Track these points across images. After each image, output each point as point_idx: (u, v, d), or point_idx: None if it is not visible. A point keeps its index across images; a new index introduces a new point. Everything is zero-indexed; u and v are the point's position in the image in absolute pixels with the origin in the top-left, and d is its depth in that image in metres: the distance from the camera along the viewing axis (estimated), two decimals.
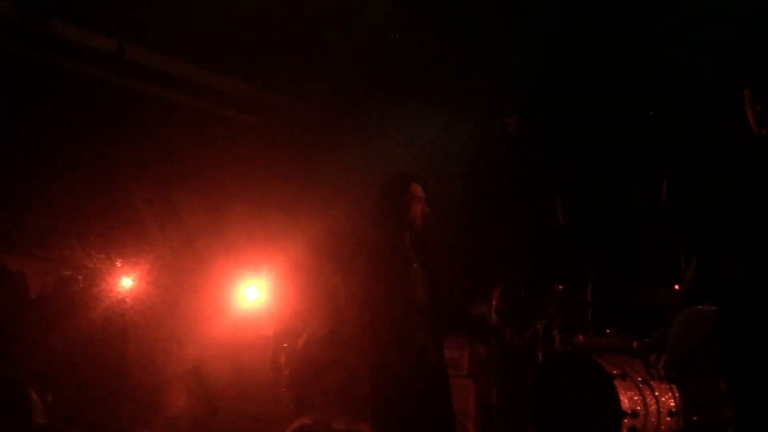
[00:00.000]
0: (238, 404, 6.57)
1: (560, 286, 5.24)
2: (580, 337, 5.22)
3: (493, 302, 5.03)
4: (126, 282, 5.58)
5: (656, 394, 4.73)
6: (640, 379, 4.76)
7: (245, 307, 7.29)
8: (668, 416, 4.70)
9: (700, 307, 3.43)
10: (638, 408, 4.58)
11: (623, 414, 4.48)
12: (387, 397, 3.67)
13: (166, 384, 6.32)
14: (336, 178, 6.87)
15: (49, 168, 6.41)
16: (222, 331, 6.95)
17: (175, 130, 7.05)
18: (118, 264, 5.72)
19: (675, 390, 4.74)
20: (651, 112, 5.63)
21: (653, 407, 4.67)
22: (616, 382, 4.61)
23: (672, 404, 4.75)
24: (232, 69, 7.33)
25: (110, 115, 6.71)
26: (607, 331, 5.33)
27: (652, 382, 4.75)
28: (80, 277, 5.45)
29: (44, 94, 6.25)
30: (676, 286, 4.69)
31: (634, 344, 5.06)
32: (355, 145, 6.67)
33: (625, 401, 4.56)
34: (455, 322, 4.27)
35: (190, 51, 6.92)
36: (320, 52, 6.88)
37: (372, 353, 3.78)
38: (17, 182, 6.06)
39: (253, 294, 7.32)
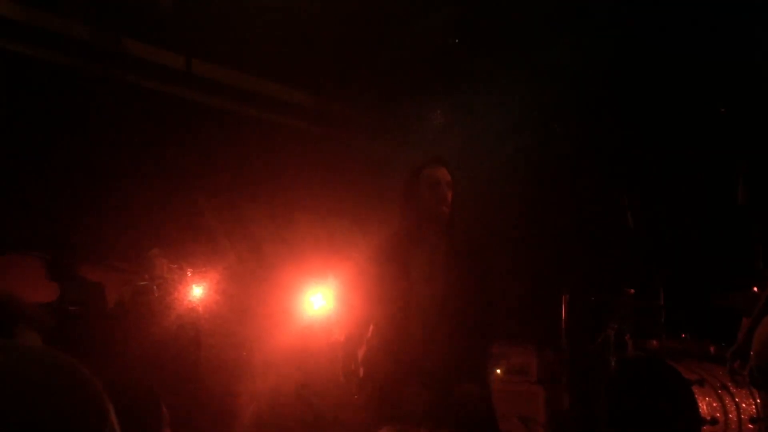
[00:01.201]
0: (304, 411, 6.64)
1: (632, 290, 5.12)
2: (654, 342, 5.09)
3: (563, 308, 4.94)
4: (197, 291, 5.71)
5: (736, 400, 4.58)
6: (718, 384, 4.61)
7: (311, 315, 7.37)
8: (750, 423, 4.54)
9: None
10: (717, 415, 4.44)
11: (702, 421, 4.34)
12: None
13: (237, 391, 6.44)
14: (398, 184, 6.88)
15: (122, 180, 6.63)
16: (290, 339, 7.04)
17: (241, 141, 7.20)
18: (189, 273, 5.85)
19: (756, 395, 4.57)
20: (723, 110, 5.45)
21: (733, 414, 4.52)
22: (694, 388, 4.48)
23: (753, 410, 4.58)
24: (298, 80, 7.45)
25: (179, 128, 6.91)
26: (682, 335, 5.18)
27: (731, 388, 4.59)
28: (155, 287, 5.60)
29: (117, 111, 6.47)
30: (755, 288, 4.53)
31: (711, 349, 4.92)
32: (417, 151, 6.68)
33: (704, 408, 4.42)
34: (499, 326, 3.83)
35: (254, 64, 7.07)
36: (382, 61, 6.92)
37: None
38: (94, 195, 6.28)
39: (319, 301, 7.40)
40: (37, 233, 6.23)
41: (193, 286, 5.83)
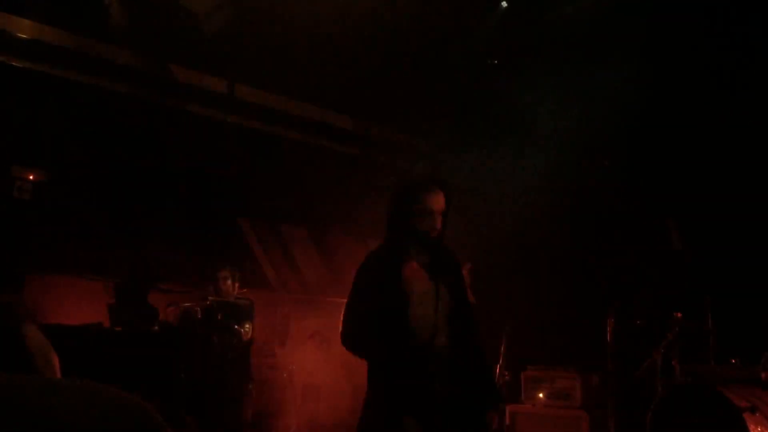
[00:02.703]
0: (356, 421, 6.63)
1: (679, 314, 5.03)
2: (703, 367, 4.98)
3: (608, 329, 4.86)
4: (243, 314, 5.77)
5: None
6: None
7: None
8: None
9: None
10: None
11: None
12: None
13: (279, 411, 6.47)
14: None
15: (166, 202, 6.76)
16: (330, 360, 7.06)
17: (283, 164, 7.30)
18: (238, 298, 5.92)
19: None
20: None
21: None
22: (745, 416, 4.35)
23: None
24: (338, 103, 7.54)
25: (220, 151, 7.03)
26: (732, 360, 5.06)
27: None
28: (198, 309, 5.67)
29: (161, 135, 6.62)
30: None
31: (762, 375, 4.79)
32: (454, 174, 6.69)
33: None
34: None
35: (295, 88, 7.18)
36: (423, 85, 6.97)
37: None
38: (140, 218, 6.42)
39: None
40: (83, 256, 6.38)
41: (237, 308, 5.88)
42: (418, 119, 7.46)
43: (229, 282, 5.81)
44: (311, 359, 7.07)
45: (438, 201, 3.31)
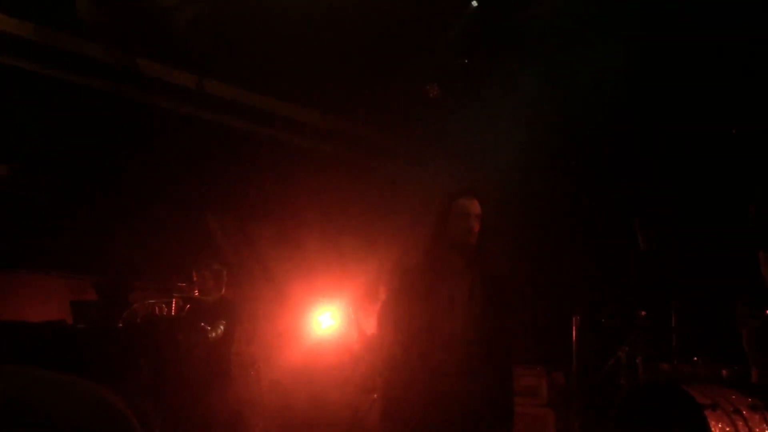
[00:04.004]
0: (313, 430, 6.62)
1: (643, 312, 5.09)
2: (666, 365, 5.04)
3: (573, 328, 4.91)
4: (207, 310, 5.70)
5: (750, 425, 4.51)
6: (731, 409, 4.55)
7: (320, 334, 7.37)
8: None
9: None
10: None
11: None
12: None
13: (244, 409, 6.42)
14: (411, 206, 6.90)
15: (132, 198, 6.68)
16: (298, 358, 7.04)
17: (253, 160, 7.25)
18: (196, 293, 5.85)
19: None
20: (734, 131, 5.46)
21: None
22: (707, 413, 4.42)
23: None
24: (308, 99, 7.50)
25: (189, 146, 6.96)
26: (695, 358, 5.13)
27: (744, 413, 4.54)
28: (164, 306, 5.60)
29: (129, 128, 6.54)
30: (767, 311, 4.50)
31: (724, 372, 4.86)
32: (431, 173, 6.70)
33: None
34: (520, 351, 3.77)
35: (266, 83, 7.13)
36: (394, 82, 6.97)
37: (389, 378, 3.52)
38: (107, 214, 6.33)
39: (327, 321, 7.40)
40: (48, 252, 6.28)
41: (203, 306, 5.82)
42: (390, 116, 7.45)
43: (210, 281, 5.71)
44: (279, 357, 7.05)
45: (474, 205, 3.46)
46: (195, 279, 5.72)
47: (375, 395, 5.49)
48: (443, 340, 3.33)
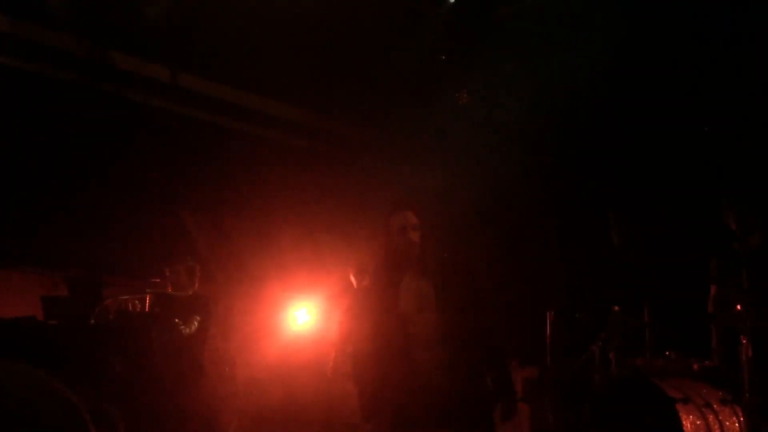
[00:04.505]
0: (289, 426, 6.59)
1: (617, 307, 5.13)
2: (639, 359, 5.09)
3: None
4: (180, 306, 5.64)
5: (720, 418, 4.58)
6: (702, 402, 4.61)
7: (295, 330, 7.34)
8: None
9: None
10: None
11: None
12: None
13: (219, 405, 6.38)
14: (385, 201, 6.88)
15: (104, 194, 6.59)
16: (273, 353, 7.00)
17: (227, 155, 7.18)
18: (169, 289, 5.79)
19: (739, 412, 4.59)
20: (706, 129, 5.52)
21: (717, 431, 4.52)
22: (678, 407, 4.47)
23: (737, 428, 4.59)
24: (282, 94, 7.44)
25: (162, 140, 6.88)
26: (667, 353, 5.19)
27: (715, 406, 4.60)
28: (136, 302, 5.54)
29: (102, 122, 6.44)
30: (738, 306, 4.57)
31: (695, 367, 4.92)
32: (406, 168, 6.70)
33: (688, 426, 4.41)
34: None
35: (241, 77, 7.06)
36: (371, 76, 6.94)
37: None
38: (87, 212, 6.24)
39: (303, 316, 7.37)
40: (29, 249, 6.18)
41: (176, 301, 5.75)
42: (366, 111, 7.43)
43: (183, 277, 5.63)
44: (254, 353, 7.00)
45: (409, 217, 3.60)
46: (168, 275, 5.65)
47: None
48: (417, 337, 3.40)
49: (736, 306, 4.53)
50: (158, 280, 5.68)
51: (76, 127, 6.37)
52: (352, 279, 6.16)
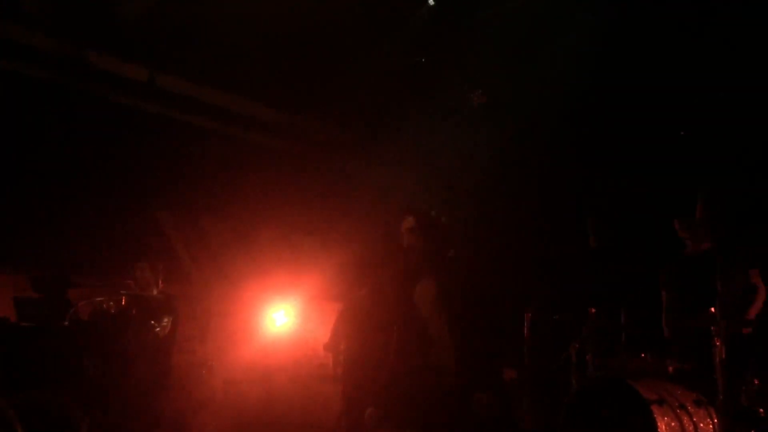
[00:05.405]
0: (267, 428, 6.56)
1: (593, 309, 5.16)
2: (614, 361, 5.12)
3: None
4: (161, 309, 5.60)
5: (694, 420, 4.61)
6: (677, 404, 4.64)
7: (274, 331, 7.31)
8: None
9: None
10: None
11: None
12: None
13: (197, 407, 6.33)
14: (364, 203, 6.89)
15: (80, 193, 6.52)
16: (252, 355, 6.97)
17: (205, 155, 7.13)
18: (154, 292, 5.75)
19: (713, 414, 4.63)
20: (682, 132, 5.58)
21: None
22: (653, 408, 4.50)
23: (711, 430, 4.63)
24: (261, 95, 7.41)
25: (140, 141, 6.82)
26: (642, 354, 5.23)
27: (689, 408, 4.64)
28: (111, 303, 5.49)
29: (78, 122, 6.37)
30: (712, 309, 4.61)
31: (670, 368, 4.96)
32: (383, 170, 6.70)
33: (662, 427, 4.44)
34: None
35: (219, 78, 7.02)
36: (349, 78, 6.94)
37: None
38: (58, 212, 6.17)
39: (281, 318, 7.35)
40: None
41: (155, 304, 5.71)
42: (343, 112, 7.42)
43: (148, 275, 5.62)
44: (232, 355, 6.96)
45: (409, 222, 3.91)
46: (136, 274, 5.64)
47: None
48: (417, 336, 3.63)
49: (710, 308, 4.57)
50: (128, 279, 5.67)
51: (52, 126, 6.30)
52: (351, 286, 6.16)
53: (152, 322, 5.44)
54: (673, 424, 4.53)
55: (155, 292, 5.67)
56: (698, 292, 4.43)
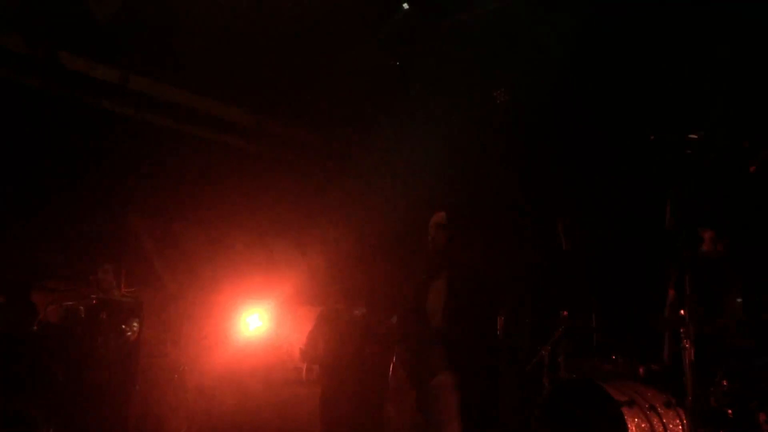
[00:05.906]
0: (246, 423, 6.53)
1: (565, 312, 5.21)
2: (586, 363, 5.17)
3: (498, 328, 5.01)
4: (129, 312, 5.56)
5: (664, 421, 4.67)
6: (647, 405, 4.70)
7: (247, 335, 7.27)
8: None
9: None
10: None
11: None
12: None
13: (169, 412, 6.28)
14: (338, 206, 6.89)
15: (52, 197, 6.44)
16: (225, 359, 6.92)
17: (176, 159, 7.08)
18: (123, 296, 5.71)
19: (682, 415, 4.69)
20: (652, 137, 5.63)
21: None
22: (624, 409, 4.55)
23: (680, 430, 4.69)
24: (234, 97, 7.38)
25: (113, 144, 6.75)
26: (613, 357, 5.28)
27: (659, 409, 4.70)
28: (81, 308, 5.43)
29: (49, 124, 6.29)
30: (682, 311, 4.66)
31: (641, 370, 5.02)
32: (359, 173, 6.69)
33: (633, 429, 4.50)
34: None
35: (193, 80, 6.97)
36: (323, 81, 6.93)
37: None
38: (25, 214, 6.08)
39: (255, 322, 7.31)
40: None
41: (126, 308, 5.66)
42: (317, 115, 7.40)
43: (111, 278, 5.59)
44: (204, 360, 6.91)
45: (438, 217, 4.35)
46: (98, 276, 5.60)
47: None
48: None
49: (680, 310, 4.63)
50: (92, 282, 5.63)
51: (20, 128, 6.21)
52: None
53: (123, 326, 5.39)
54: (643, 425, 4.58)
55: (117, 295, 5.65)
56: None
